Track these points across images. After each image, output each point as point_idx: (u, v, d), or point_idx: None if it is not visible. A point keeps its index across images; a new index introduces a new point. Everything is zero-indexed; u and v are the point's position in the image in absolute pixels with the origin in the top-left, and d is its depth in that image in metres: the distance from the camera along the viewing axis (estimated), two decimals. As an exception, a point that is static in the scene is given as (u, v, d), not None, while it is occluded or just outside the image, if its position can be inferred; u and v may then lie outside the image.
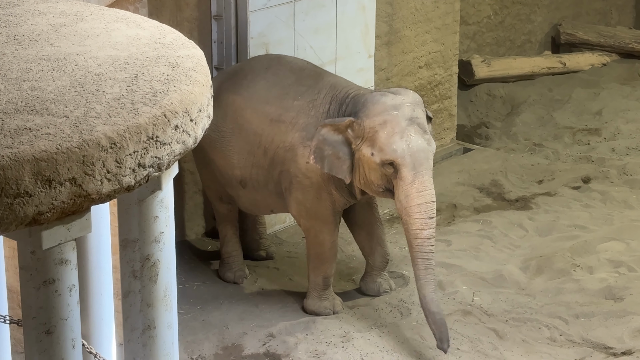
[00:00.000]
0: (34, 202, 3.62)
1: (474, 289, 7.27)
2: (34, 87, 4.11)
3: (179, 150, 4.12)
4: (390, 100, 6.41)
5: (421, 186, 6.33)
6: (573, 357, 6.49)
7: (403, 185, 6.35)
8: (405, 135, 6.33)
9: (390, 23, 8.96)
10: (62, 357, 4.01)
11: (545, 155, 9.80)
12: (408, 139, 6.33)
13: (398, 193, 6.38)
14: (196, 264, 7.69)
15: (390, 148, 6.31)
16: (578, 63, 11.56)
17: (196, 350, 6.58)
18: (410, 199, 6.34)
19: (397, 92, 6.53)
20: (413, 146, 6.33)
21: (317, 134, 6.48)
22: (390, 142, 6.32)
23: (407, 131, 6.35)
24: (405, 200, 6.36)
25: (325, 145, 6.47)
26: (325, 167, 6.50)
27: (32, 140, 3.66)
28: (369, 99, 6.47)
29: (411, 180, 6.32)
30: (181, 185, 7.82)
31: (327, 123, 6.46)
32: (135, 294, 4.39)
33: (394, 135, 6.32)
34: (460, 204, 8.72)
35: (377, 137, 6.35)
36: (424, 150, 6.36)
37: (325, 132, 6.47)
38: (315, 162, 6.50)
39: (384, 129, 6.34)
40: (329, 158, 6.49)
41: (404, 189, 6.34)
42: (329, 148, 6.47)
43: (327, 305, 6.97)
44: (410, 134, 6.34)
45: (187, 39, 4.79)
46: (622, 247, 7.81)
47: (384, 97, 6.45)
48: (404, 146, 6.31)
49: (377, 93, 6.54)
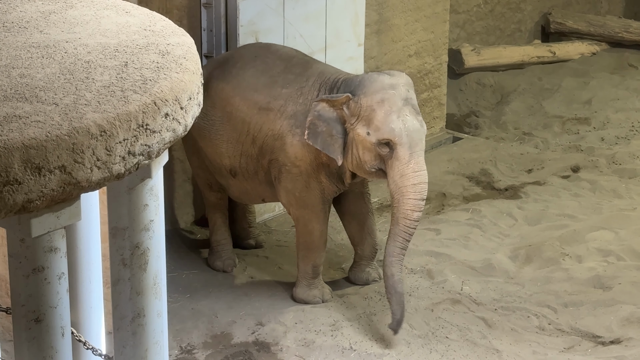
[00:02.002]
0: (23, 189, 3.60)
1: (463, 277, 7.28)
2: (23, 74, 4.09)
3: (169, 138, 4.10)
4: (387, 80, 6.42)
5: (417, 166, 6.34)
6: (561, 346, 6.51)
7: (399, 165, 6.34)
8: (401, 115, 6.34)
9: (380, 11, 8.95)
10: (51, 345, 4.01)
11: (534, 145, 9.82)
12: (404, 118, 6.33)
13: (393, 173, 6.37)
14: (185, 253, 7.69)
15: (388, 127, 6.31)
16: (568, 52, 11.57)
17: (185, 338, 6.58)
18: (406, 178, 6.34)
19: (391, 73, 6.54)
20: (409, 126, 6.34)
21: (312, 110, 6.46)
22: (387, 121, 6.31)
23: (403, 111, 6.35)
24: (401, 179, 6.35)
25: (320, 121, 6.45)
26: (318, 144, 6.47)
27: (22, 128, 3.65)
28: (366, 78, 6.47)
29: (407, 160, 6.33)
30: (171, 173, 7.81)
31: (324, 98, 6.44)
32: (124, 282, 4.38)
33: (392, 114, 6.32)
34: (449, 193, 8.73)
35: (374, 116, 6.34)
36: (418, 131, 6.38)
37: (321, 107, 6.45)
38: (309, 138, 6.47)
39: (381, 107, 6.33)
40: (322, 135, 6.46)
41: (400, 168, 6.34)
42: (323, 124, 6.45)
43: (316, 293, 6.97)
44: (406, 114, 6.35)
45: (177, 27, 4.77)
46: (611, 237, 7.82)
47: (381, 76, 6.45)
48: (401, 125, 6.31)
49: (373, 73, 6.55)
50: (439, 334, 6.55)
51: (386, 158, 6.38)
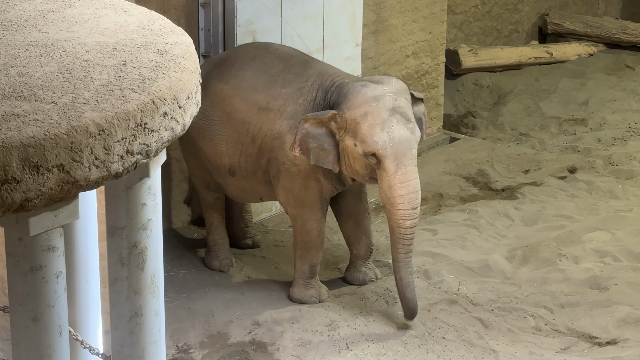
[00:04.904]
0: (21, 188, 3.60)
1: (459, 278, 7.28)
2: (21, 73, 4.09)
3: (167, 137, 4.10)
4: (370, 92, 6.39)
5: (404, 177, 6.33)
6: (558, 347, 6.51)
7: (386, 177, 6.35)
8: (386, 126, 6.32)
9: (377, 12, 8.95)
10: (48, 344, 4.00)
11: (531, 145, 9.82)
12: (390, 129, 6.31)
13: (381, 184, 6.39)
14: (182, 252, 7.68)
15: (372, 140, 6.30)
16: (565, 53, 11.58)
17: (182, 338, 6.57)
18: (394, 189, 6.34)
19: (379, 80, 6.50)
20: (395, 137, 6.31)
21: (300, 128, 6.47)
22: (371, 134, 6.30)
23: (389, 122, 6.33)
24: (389, 190, 6.36)
25: (310, 138, 6.47)
26: (312, 158, 6.50)
27: (20, 127, 3.65)
28: (350, 90, 6.44)
29: (394, 172, 6.32)
30: (168, 173, 7.81)
31: (310, 117, 6.44)
32: (122, 281, 4.38)
33: (375, 127, 6.31)
34: (446, 194, 8.73)
35: (359, 129, 6.34)
36: (406, 140, 6.35)
37: (308, 126, 6.46)
38: (301, 154, 6.50)
39: (364, 120, 6.32)
40: (314, 150, 6.48)
41: (387, 180, 6.34)
42: (313, 141, 6.47)
43: (313, 293, 6.97)
44: (392, 124, 6.32)
45: (175, 26, 4.77)
46: (608, 237, 7.83)
47: (365, 87, 6.42)
48: (385, 138, 6.30)
49: (358, 83, 6.50)
50: (435, 334, 6.56)
51: (375, 168, 6.39)
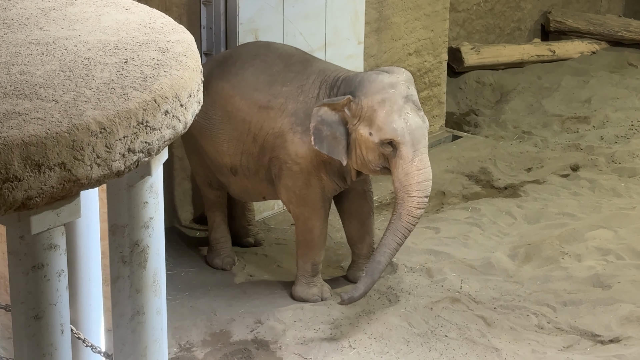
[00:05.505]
0: (23, 186, 3.60)
1: (462, 276, 7.28)
2: (23, 71, 4.09)
3: (168, 135, 4.10)
4: (386, 79, 6.42)
5: (421, 164, 6.37)
6: (561, 345, 6.50)
7: (403, 164, 6.36)
8: (403, 113, 6.35)
9: (379, 10, 8.94)
10: (50, 342, 4.00)
11: (534, 143, 9.82)
12: (406, 117, 6.35)
13: (397, 172, 6.39)
14: (184, 250, 7.68)
15: (390, 127, 6.32)
16: (567, 51, 11.57)
17: (184, 336, 6.57)
18: (411, 176, 6.36)
19: (390, 70, 6.54)
20: (411, 124, 6.35)
21: (314, 115, 6.46)
22: (389, 120, 6.32)
23: (405, 109, 6.36)
24: (405, 178, 6.37)
25: (324, 125, 6.45)
26: (324, 148, 6.48)
27: (21, 125, 3.64)
28: (365, 78, 6.47)
29: (411, 158, 6.35)
30: (170, 171, 7.80)
31: (325, 102, 6.44)
32: (124, 280, 4.38)
33: (393, 114, 6.33)
34: (449, 192, 8.73)
35: (376, 116, 6.35)
36: (420, 128, 6.40)
37: (323, 112, 6.45)
38: (315, 144, 6.47)
39: (382, 107, 6.34)
40: (327, 139, 6.47)
41: (404, 167, 6.36)
42: (326, 128, 6.45)
43: (315, 292, 6.96)
44: (407, 112, 6.37)
45: (177, 24, 4.77)
46: (610, 235, 7.82)
47: (380, 75, 6.45)
48: (402, 124, 6.33)
49: (372, 72, 6.55)
50: (438, 333, 6.55)
51: (390, 157, 6.39)
